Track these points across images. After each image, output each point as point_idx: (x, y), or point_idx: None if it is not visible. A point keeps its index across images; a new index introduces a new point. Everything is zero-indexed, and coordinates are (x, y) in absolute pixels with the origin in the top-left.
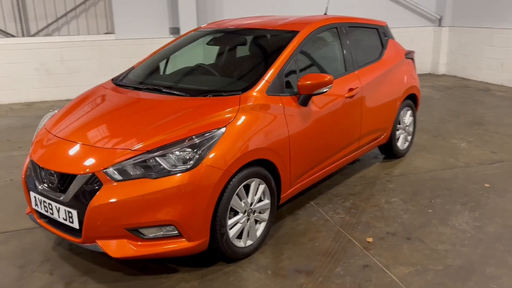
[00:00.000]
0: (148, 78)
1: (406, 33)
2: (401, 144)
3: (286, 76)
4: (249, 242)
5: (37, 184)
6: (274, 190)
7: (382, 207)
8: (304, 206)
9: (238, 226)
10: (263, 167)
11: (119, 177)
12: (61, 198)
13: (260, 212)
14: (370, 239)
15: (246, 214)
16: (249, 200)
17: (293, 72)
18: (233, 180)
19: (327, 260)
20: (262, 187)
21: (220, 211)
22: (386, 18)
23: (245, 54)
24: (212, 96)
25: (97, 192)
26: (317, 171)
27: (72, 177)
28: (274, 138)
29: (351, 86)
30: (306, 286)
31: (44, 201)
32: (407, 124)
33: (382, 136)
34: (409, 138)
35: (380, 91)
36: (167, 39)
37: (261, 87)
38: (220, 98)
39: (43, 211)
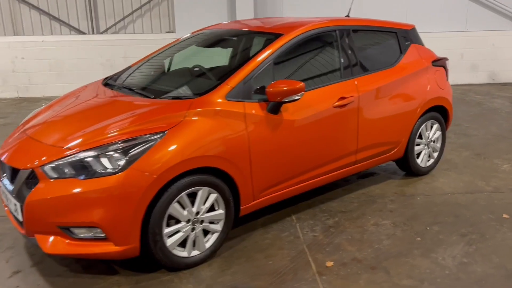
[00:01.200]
0: (130, 79)
1: (488, 37)
2: (422, 161)
3: (257, 81)
4: (194, 253)
5: (1, 175)
6: (230, 201)
7: (366, 229)
8: (282, 220)
9: (180, 235)
10: (215, 175)
11: (54, 174)
12: (11, 190)
13: (212, 222)
14: (330, 264)
15: (190, 223)
16: (194, 209)
17: (268, 77)
18: (171, 187)
19: (270, 281)
20: (213, 196)
21: (154, 219)
22: (466, 21)
23: (224, 57)
24: (171, 98)
25: (34, 188)
26: (295, 183)
27: (18, 171)
28: (228, 147)
29: (343, 95)
30: None
31: (4, 192)
32: (432, 139)
33: (394, 151)
34: (435, 154)
35: (389, 101)
36: None
37: (219, 92)
38: (174, 101)
39: (5, 202)
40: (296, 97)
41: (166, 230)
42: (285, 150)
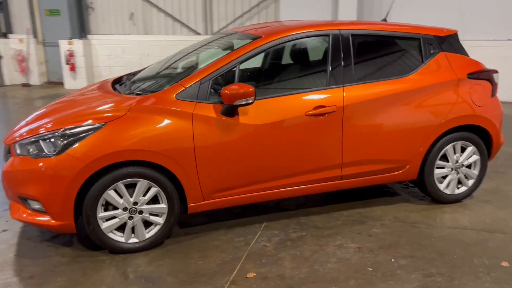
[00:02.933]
0: (137, 77)
1: None
2: (448, 187)
3: (217, 83)
4: (133, 240)
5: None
6: (173, 196)
7: (324, 249)
8: (251, 225)
9: (116, 220)
10: (157, 170)
11: (18, 151)
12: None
13: (156, 215)
14: (251, 275)
15: (127, 211)
16: (132, 199)
17: (232, 79)
18: (107, 175)
19: (183, 279)
20: (154, 190)
21: (87, 202)
22: None
23: (205, 58)
24: (135, 95)
25: (7, 160)
26: (259, 189)
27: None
28: (168, 144)
29: (322, 104)
30: None
31: None
32: (463, 163)
33: (401, 171)
34: (469, 182)
35: (392, 114)
36: None
37: (170, 91)
38: (126, 97)
39: None
40: (249, 101)
41: (101, 214)
42: (241, 154)
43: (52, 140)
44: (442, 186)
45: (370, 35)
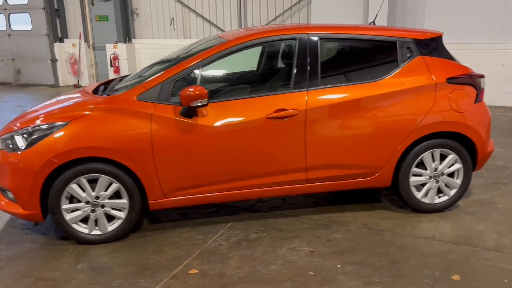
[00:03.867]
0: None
1: None
2: (427, 196)
3: (179, 85)
4: (95, 232)
5: None
6: (133, 192)
7: (276, 251)
8: (217, 224)
9: (79, 213)
10: (116, 167)
11: (1, 146)
12: None
13: (118, 209)
14: (193, 271)
15: (89, 205)
16: (94, 193)
17: (193, 81)
18: (70, 170)
19: (129, 271)
20: (115, 185)
21: (51, 194)
22: None
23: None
24: (105, 95)
25: None
26: (222, 189)
27: None
28: (127, 143)
29: (283, 107)
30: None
31: None
32: (443, 172)
33: (372, 177)
34: (451, 192)
35: (359, 118)
36: None
37: (132, 92)
38: (94, 97)
39: None
40: (203, 103)
41: (65, 206)
42: (200, 155)
43: (24, 136)
44: (419, 195)
45: (340, 38)
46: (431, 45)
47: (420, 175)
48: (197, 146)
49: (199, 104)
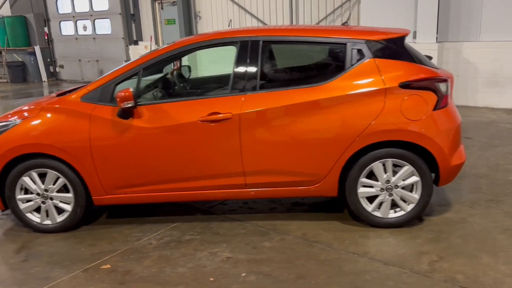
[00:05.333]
0: None
1: None
2: (380, 209)
3: (121, 88)
4: (46, 222)
5: None
6: (76, 187)
7: (195, 254)
8: (162, 224)
9: (31, 203)
10: (62, 163)
11: None
12: None
13: (65, 203)
14: (106, 267)
15: (40, 196)
16: (43, 186)
17: (134, 84)
18: (21, 164)
19: (52, 261)
20: (61, 180)
21: (6, 185)
22: None
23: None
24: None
25: None
26: (161, 190)
27: None
28: (67, 141)
29: (217, 110)
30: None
31: None
32: (397, 184)
33: (315, 186)
34: (408, 207)
35: (296, 124)
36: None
37: (77, 94)
38: (52, 98)
39: None
40: (131, 104)
41: (19, 196)
42: (137, 155)
43: None
44: (370, 208)
45: (285, 41)
46: (388, 47)
47: (371, 187)
48: (133, 147)
49: (129, 105)
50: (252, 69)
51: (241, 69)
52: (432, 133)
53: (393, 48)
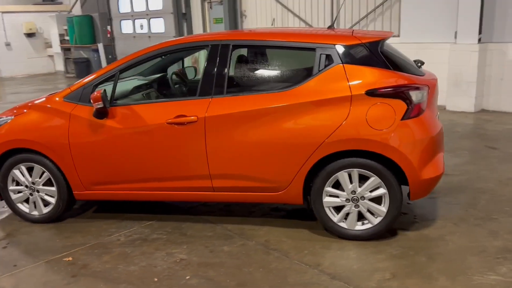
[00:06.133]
0: None
1: None
2: (347, 221)
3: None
4: (34, 213)
5: None
6: (59, 182)
7: (153, 253)
8: (140, 220)
9: (20, 194)
10: (47, 159)
11: None
12: None
13: (50, 196)
14: (69, 259)
15: (28, 189)
16: (30, 179)
17: (111, 85)
18: (11, 158)
19: (26, 250)
20: (45, 174)
21: (0, 176)
22: None
23: None
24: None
25: None
26: (136, 189)
27: None
28: (49, 137)
29: (184, 113)
30: None
31: None
32: (364, 195)
33: (279, 193)
34: (375, 220)
35: (261, 129)
36: (447, 44)
37: (61, 94)
38: (45, 96)
39: None
40: (101, 105)
41: (11, 187)
42: (110, 154)
43: None
44: (336, 218)
45: (255, 45)
46: (360, 52)
47: (337, 197)
48: (107, 146)
49: (100, 106)
50: (221, 73)
51: (210, 72)
52: (398, 143)
53: (365, 53)
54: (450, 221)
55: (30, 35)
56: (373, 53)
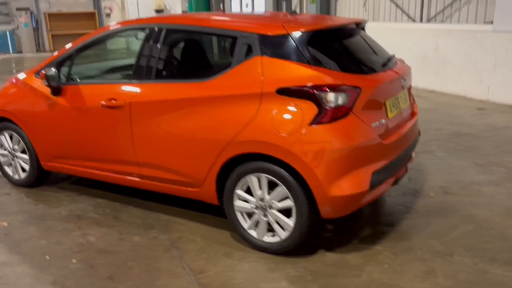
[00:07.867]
0: None
1: None
2: (257, 229)
3: (61, 66)
4: (16, 176)
5: None
6: (29, 151)
7: (74, 231)
8: (96, 198)
9: (6, 159)
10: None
11: None
12: None
13: (24, 162)
14: (4, 223)
15: (10, 154)
16: (8, 147)
17: (70, 64)
18: None
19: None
20: (22, 143)
21: None
22: None
23: None
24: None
25: None
26: (88, 167)
27: None
28: (20, 109)
29: (115, 97)
30: None
31: None
32: (271, 205)
33: (195, 189)
34: (283, 233)
35: (176, 121)
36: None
37: (34, 69)
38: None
39: None
40: (45, 83)
41: (0, 151)
42: (61, 129)
43: None
44: (247, 225)
45: (183, 31)
46: (283, 43)
47: (246, 201)
48: (58, 122)
49: (45, 84)
50: (153, 58)
51: (144, 57)
52: (301, 151)
53: (289, 45)
54: (393, 249)
55: (159, 11)
56: (298, 46)
